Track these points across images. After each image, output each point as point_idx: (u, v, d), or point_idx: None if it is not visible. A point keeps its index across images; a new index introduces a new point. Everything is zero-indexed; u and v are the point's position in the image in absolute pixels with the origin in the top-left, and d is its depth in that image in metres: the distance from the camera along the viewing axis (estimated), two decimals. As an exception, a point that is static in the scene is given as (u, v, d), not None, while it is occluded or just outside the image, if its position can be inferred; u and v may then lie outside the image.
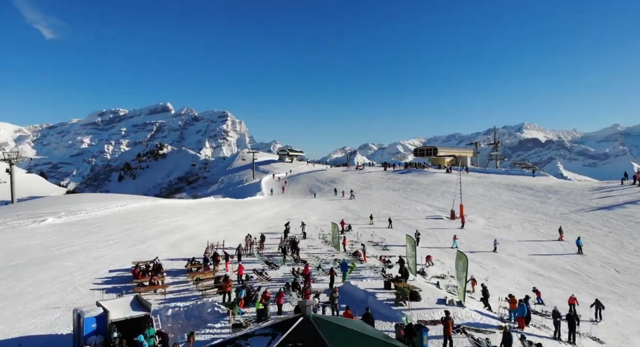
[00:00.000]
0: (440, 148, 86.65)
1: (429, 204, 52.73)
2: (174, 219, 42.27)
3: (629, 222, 40.12)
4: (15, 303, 21.88)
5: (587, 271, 30.80)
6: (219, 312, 20.62)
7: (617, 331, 20.45)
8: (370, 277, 25.36)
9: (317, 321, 12.47)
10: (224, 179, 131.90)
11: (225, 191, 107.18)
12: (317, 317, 12.88)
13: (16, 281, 24.84)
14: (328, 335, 11.77)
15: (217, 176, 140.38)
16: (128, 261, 29.26)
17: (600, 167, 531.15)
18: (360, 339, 12.61)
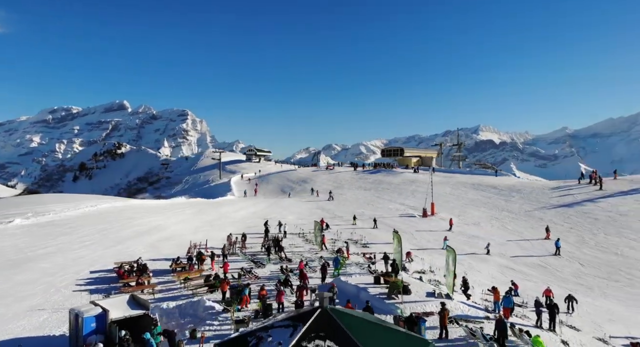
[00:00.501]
0: (406, 149, 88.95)
1: (400, 202, 54.24)
2: (149, 219, 41.48)
3: (588, 219, 42.93)
4: (-4, 306, 21.11)
5: (555, 264, 32.84)
6: (214, 310, 20.74)
7: (590, 320, 22.09)
8: (357, 273, 26.09)
9: (335, 312, 12.99)
10: (188, 179, 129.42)
11: (191, 191, 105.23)
12: (334, 309, 13.39)
13: (-7, 284, 23.87)
14: (347, 325, 12.32)
15: (181, 176, 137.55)
16: (108, 261, 28.66)
17: (550, 168, 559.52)
18: (376, 328, 13.24)
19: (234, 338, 13.10)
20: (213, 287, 23.57)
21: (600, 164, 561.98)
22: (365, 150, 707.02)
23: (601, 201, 47.69)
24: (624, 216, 42.40)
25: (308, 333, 11.86)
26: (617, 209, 44.50)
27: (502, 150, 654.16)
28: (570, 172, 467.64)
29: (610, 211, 44.05)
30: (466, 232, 41.11)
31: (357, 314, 13.78)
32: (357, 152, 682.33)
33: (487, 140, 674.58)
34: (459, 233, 40.96)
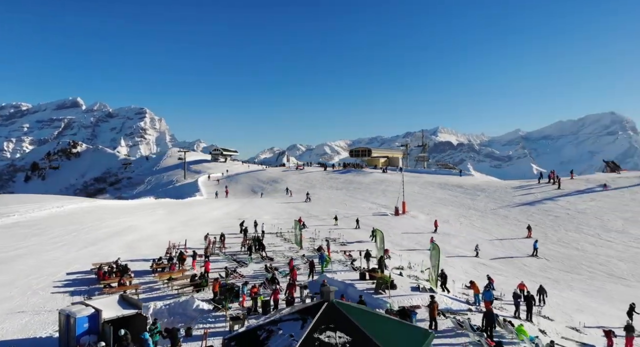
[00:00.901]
0: (374, 149, 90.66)
1: (372, 201, 55.42)
2: (121, 220, 40.47)
3: (549, 216, 45.49)
4: (-28, 309, 20.29)
5: (522, 260, 34.68)
6: (203, 308, 20.76)
7: (560, 310, 23.57)
8: (340, 270, 26.64)
9: (341, 305, 13.49)
10: (151, 179, 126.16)
11: (155, 191, 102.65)
12: (339, 302, 13.89)
13: (-35, 288, 22.84)
14: (354, 317, 12.85)
15: (143, 176, 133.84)
16: (85, 263, 27.99)
17: (505, 168, 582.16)
18: (380, 320, 13.85)
19: (244, 332, 13.36)
20: (199, 287, 23.51)
21: (551, 164, 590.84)
22: (329, 150, 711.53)
23: (560, 199, 50.58)
24: (581, 213, 45.21)
25: (318, 325, 12.29)
26: (575, 206, 47.38)
27: (459, 151, 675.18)
28: (523, 172, 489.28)
29: (569, 209, 46.86)
30: (438, 230, 42.58)
31: (360, 307, 14.34)
32: (321, 153, 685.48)
33: (445, 142, 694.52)
34: (430, 230, 42.39)
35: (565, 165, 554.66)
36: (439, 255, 22.21)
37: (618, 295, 26.90)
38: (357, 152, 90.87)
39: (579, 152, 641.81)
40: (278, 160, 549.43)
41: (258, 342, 12.52)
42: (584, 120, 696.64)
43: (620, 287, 28.30)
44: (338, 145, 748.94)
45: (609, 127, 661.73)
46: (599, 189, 52.29)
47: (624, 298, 26.41)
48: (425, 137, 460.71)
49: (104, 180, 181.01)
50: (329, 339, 11.88)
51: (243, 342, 12.81)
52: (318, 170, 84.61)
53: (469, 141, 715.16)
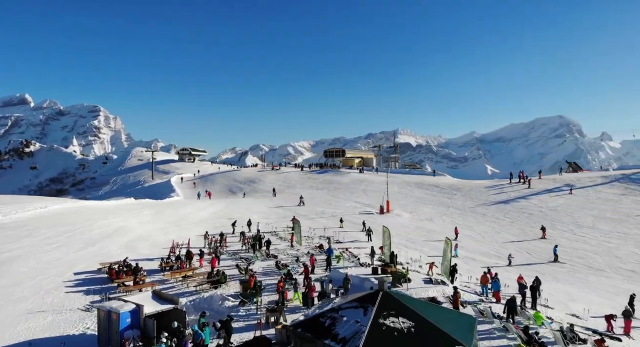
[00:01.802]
0: (347, 150, 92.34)
1: (355, 200, 56.77)
2: (110, 220, 39.66)
3: (524, 214, 48.39)
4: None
5: (505, 254, 36.83)
6: (229, 303, 21.22)
7: (554, 300, 25.51)
8: (349, 266, 27.64)
9: (394, 294, 14.55)
10: (116, 180, 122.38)
11: (122, 192, 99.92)
12: (392, 291, 14.93)
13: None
14: (410, 304, 13.93)
15: (107, 176, 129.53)
16: (89, 263, 27.67)
17: (461, 169, 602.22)
18: (430, 306, 14.97)
19: (306, 320, 14.15)
20: (217, 284, 23.87)
21: (504, 165, 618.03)
22: (293, 151, 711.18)
23: (532, 197, 53.82)
24: (553, 210, 48.39)
25: (380, 312, 13.30)
26: (546, 204, 50.61)
27: (418, 153, 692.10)
28: (478, 173, 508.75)
29: (541, 207, 50.01)
30: (424, 227, 44.46)
31: (409, 296, 15.41)
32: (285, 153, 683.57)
33: (405, 143, 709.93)
34: (416, 228, 44.19)
35: (517, 166, 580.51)
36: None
37: (601, 286, 29.37)
38: (331, 152, 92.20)
39: (529, 154, 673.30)
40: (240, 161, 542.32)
41: (324, 328, 13.35)
42: (534, 123, 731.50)
43: (601, 278, 30.83)
44: (301, 145, 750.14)
45: (557, 129, 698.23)
46: (565, 188, 55.99)
47: (606, 288, 28.97)
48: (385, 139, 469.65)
49: (61, 180, 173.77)
50: (394, 324, 12.85)
51: (309, 328, 13.59)
52: (294, 170, 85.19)
53: (427, 143, 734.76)
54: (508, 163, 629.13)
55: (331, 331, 13.08)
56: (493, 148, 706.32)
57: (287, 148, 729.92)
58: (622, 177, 57.34)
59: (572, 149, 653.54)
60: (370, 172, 75.58)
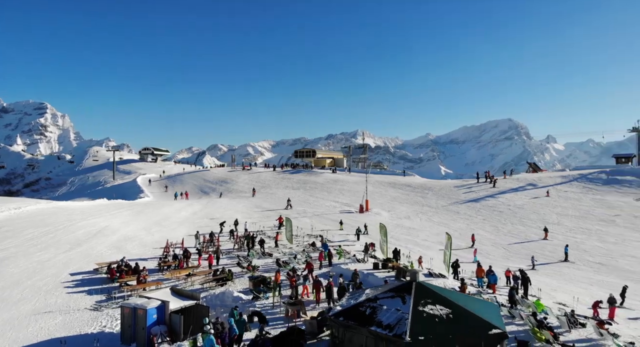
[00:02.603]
0: (318, 151, 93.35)
1: (333, 200, 57.73)
2: (92, 221, 38.58)
3: (494, 212, 51.07)
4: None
5: (485, 250, 38.93)
6: (242, 298, 21.56)
7: (537, 289, 27.56)
8: (348, 262, 28.50)
9: (426, 284, 15.56)
10: (74, 180, 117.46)
11: (82, 193, 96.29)
12: (423, 282, 15.93)
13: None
14: (442, 293, 15.00)
15: (64, 177, 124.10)
16: (82, 263, 27.25)
17: (416, 170, 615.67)
18: (458, 295, 16.10)
19: (345, 309, 14.90)
20: (224, 281, 24.07)
21: (456, 166, 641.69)
22: (253, 151, 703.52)
23: (499, 196, 56.83)
24: (520, 208, 51.39)
25: (418, 300, 14.26)
26: (514, 203, 53.65)
27: (377, 154, 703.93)
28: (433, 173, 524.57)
29: (509, 205, 52.96)
30: (403, 225, 46.06)
31: (438, 286, 16.45)
32: (244, 153, 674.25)
33: (364, 144, 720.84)
34: (396, 226, 45.66)
35: (469, 167, 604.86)
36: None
37: (575, 277, 31.74)
38: (302, 153, 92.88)
39: (481, 155, 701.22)
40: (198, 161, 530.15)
41: (366, 317, 14.15)
42: (485, 126, 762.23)
43: (573, 271, 33.30)
44: (262, 145, 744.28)
45: (506, 132, 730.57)
46: (529, 187, 59.53)
47: (579, 279, 31.33)
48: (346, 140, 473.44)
49: (9, 181, 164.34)
50: (433, 310, 13.83)
51: (351, 317, 14.34)
52: (267, 170, 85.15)
53: (385, 144, 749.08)
54: (460, 164, 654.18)
55: (374, 318, 13.87)
56: (447, 149, 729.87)
57: (247, 148, 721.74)
58: (580, 177, 61.64)
59: (520, 151, 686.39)
60: (342, 172, 76.90)
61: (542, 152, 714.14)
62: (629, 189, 55.33)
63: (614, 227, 43.83)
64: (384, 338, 13.12)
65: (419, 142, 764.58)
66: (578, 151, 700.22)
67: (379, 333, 13.24)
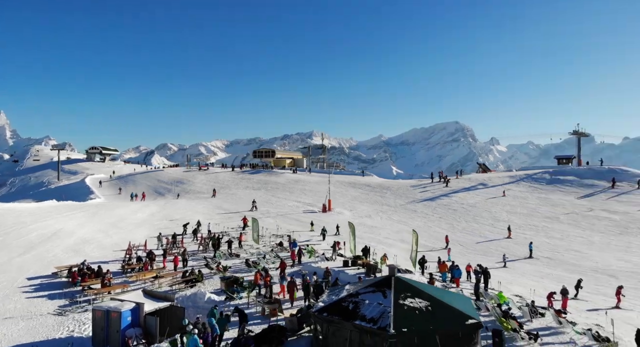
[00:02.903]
0: (277, 151, 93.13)
1: (295, 200, 57.92)
2: (44, 223, 36.69)
3: (449, 210, 53.22)
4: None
5: (442, 246, 40.58)
6: (215, 299, 21.38)
7: (496, 283, 29.14)
8: (317, 260, 28.87)
9: (404, 279, 16.24)
10: (14, 181, 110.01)
11: (24, 195, 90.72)
12: (401, 276, 16.58)
13: None
14: (419, 287, 15.73)
15: (3, 177, 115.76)
16: (39, 267, 26.18)
17: (370, 170, 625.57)
18: (434, 289, 16.89)
19: (328, 305, 15.27)
20: (193, 282, 23.75)
21: (407, 167, 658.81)
22: (205, 150, 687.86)
23: (453, 195, 59.27)
24: (473, 207, 53.89)
25: (398, 294, 14.87)
26: (466, 201, 56.14)
27: (332, 154, 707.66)
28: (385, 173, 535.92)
29: (463, 203, 55.38)
30: (365, 224, 47.00)
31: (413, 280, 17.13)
32: (196, 153, 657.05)
33: (319, 145, 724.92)
34: (359, 224, 46.25)
35: (419, 168, 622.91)
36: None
37: (527, 271, 33.75)
38: (261, 153, 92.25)
39: (429, 156, 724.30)
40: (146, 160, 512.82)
41: (349, 311, 14.60)
42: (434, 128, 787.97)
43: (525, 265, 35.37)
44: (214, 145, 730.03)
45: (453, 134, 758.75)
46: (480, 186, 62.50)
47: (532, 273, 33.34)
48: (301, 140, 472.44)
49: None
50: (413, 303, 14.49)
51: (334, 312, 14.72)
52: (224, 170, 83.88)
53: (340, 144, 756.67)
54: (411, 165, 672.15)
55: (357, 313, 14.31)
56: (398, 150, 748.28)
57: (199, 148, 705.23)
58: (526, 177, 65.43)
59: (466, 152, 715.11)
60: (303, 172, 77.20)
61: (486, 154, 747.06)
62: (570, 188, 59.38)
63: (558, 224, 46.96)
64: (368, 331, 13.58)
65: (372, 143, 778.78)
66: (519, 153, 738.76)
67: (363, 327, 13.69)
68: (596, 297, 26.01)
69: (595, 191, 57.32)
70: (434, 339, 13.36)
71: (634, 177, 58.95)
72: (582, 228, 45.14)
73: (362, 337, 13.76)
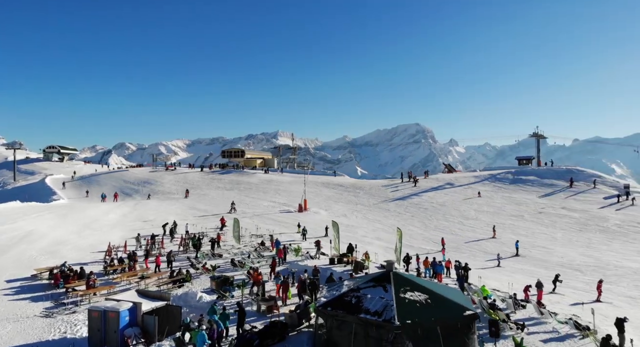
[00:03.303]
0: (247, 151, 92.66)
1: (270, 200, 57.95)
2: (13, 225, 35.36)
3: (420, 209, 54.81)
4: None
5: (418, 244, 41.80)
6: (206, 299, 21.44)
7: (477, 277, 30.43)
8: (301, 258, 29.28)
9: (401, 274, 16.99)
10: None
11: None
12: (398, 272, 17.29)
13: None
14: (416, 281, 16.52)
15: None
16: (16, 270, 25.34)
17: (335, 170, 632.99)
18: (430, 283, 17.70)
19: (331, 300, 15.76)
20: (182, 282, 23.66)
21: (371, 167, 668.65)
22: (165, 150, 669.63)
23: (423, 195, 61.04)
24: (443, 205, 55.71)
25: (398, 288, 15.56)
26: (436, 200, 57.97)
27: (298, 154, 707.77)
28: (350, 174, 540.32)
29: (432, 202, 57.16)
30: (342, 223, 47.29)
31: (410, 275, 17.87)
32: (156, 152, 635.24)
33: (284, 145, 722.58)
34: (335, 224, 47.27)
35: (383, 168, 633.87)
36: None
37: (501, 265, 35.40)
38: (230, 153, 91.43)
39: (392, 157, 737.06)
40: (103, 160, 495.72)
41: (353, 305, 15.15)
42: (396, 130, 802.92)
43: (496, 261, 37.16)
44: (175, 144, 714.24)
45: (415, 135, 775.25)
46: (448, 186, 64.65)
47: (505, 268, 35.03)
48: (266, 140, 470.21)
49: None
50: (413, 297, 15.23)
51: (337, 307, 15.24)
52: (192, 171, 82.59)
53: (305, 145, 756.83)
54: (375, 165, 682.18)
55: (361, 306, 14.87)
56: (362, 151, 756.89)
57: (159, 147, 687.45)
58: (490, 177, 68.18)
59: (427, 153, 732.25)
60: (275, 172, 77.20)
61: (446, 155, 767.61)
62: (531, 187, 62.39)
63: (523, 221, 49.37)
64: (373, 324, 14.17)
65: (337, 144, 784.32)
66: (477, 154, 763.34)
67: (368, 320, 14.27)
68: (566, 290, 27.73)
69: (554, 190, 60.54)
70: (436, 329, 14.11)
71: (589, 177, 62.69)
72: (545, 225, 47.66)
73: (367, 329, 14.33)
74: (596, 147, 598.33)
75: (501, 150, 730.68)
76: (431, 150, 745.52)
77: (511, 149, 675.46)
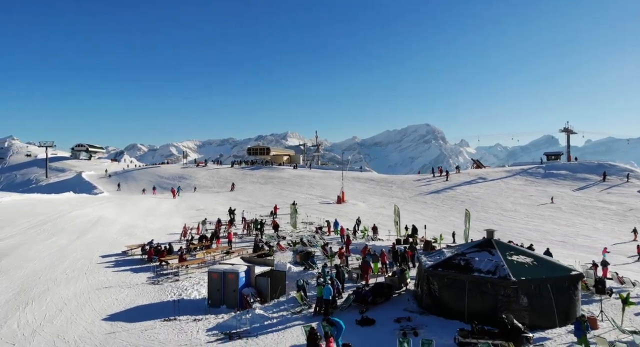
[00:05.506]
0: (272, 149, 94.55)
1: (306, 193, 59.33)
2: (81, 212, 37.41)
3: (457, 201, 55.80)
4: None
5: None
6: (295, 270, 22.83)
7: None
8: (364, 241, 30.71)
9: (500, 241, 18.16)
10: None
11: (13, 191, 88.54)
12: (496, 240, 18.46)
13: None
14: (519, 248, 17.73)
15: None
16: (105, 247, 27.34)
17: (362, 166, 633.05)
18: (525, 251, 18.81)
19: (440, 262, 17.00)
20: (265, 256, 25.14)
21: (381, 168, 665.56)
22: (176, 151, 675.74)
23: (456, 188, 62.02)
24: (479, 198, 56.68)
25: (504, 252, 16.77)
26: (471, 194, 58.95)
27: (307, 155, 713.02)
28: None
29: (468, 195, 58.14)
30: (383, 213, 48.92)
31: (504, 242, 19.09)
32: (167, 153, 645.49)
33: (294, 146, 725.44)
34: (377, 214, 48.46)
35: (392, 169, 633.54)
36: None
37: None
38: (255, 151, 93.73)
39: (402, 157, 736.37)
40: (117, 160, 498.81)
41: (462, 267, 16.40)
42: (406, 130, 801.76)
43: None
44: (186, 146, 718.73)
45: (425, 136, 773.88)
46: (480, 180, 65.60)
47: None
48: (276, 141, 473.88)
49: None
50: (519, 259, 16.46)
51: (448, 268, 16.49)
52: (221, 167, 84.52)
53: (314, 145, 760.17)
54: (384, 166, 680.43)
55: (471, 267, 16.12)
56: (371, 152, 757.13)
57: (170, 148, 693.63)
58: (521, 171, 69.04)
59: (437, 154, 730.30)
60: (303, 168, 78.70)
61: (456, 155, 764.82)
62: (564, 181, 63.18)
63: (561, 213, 50.19)
64: (489, 281, 15.40)
65: (347, 144, 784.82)
66: (488, 154, 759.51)
67: (483, 277, 15.51)
68: (626, 273, 28.67)
69: (587, 183, 61.27)
70: (547, 286, 15.31)
71: (622, 171, 63.34)
72: (584, 216, 48.45)
73: (481, 287, 15.55)
74: (609, 148, 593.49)
75: (512, 151, 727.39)
76: (441, 151, 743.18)
77: (522, 150, 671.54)
